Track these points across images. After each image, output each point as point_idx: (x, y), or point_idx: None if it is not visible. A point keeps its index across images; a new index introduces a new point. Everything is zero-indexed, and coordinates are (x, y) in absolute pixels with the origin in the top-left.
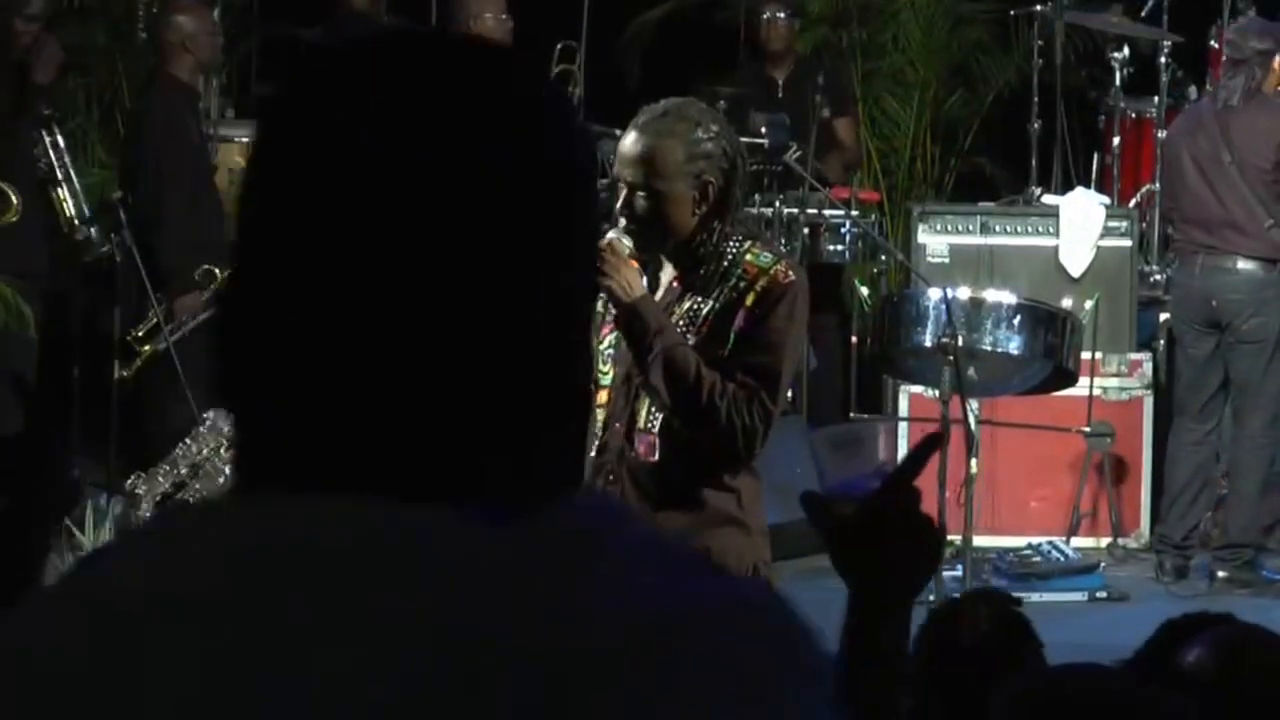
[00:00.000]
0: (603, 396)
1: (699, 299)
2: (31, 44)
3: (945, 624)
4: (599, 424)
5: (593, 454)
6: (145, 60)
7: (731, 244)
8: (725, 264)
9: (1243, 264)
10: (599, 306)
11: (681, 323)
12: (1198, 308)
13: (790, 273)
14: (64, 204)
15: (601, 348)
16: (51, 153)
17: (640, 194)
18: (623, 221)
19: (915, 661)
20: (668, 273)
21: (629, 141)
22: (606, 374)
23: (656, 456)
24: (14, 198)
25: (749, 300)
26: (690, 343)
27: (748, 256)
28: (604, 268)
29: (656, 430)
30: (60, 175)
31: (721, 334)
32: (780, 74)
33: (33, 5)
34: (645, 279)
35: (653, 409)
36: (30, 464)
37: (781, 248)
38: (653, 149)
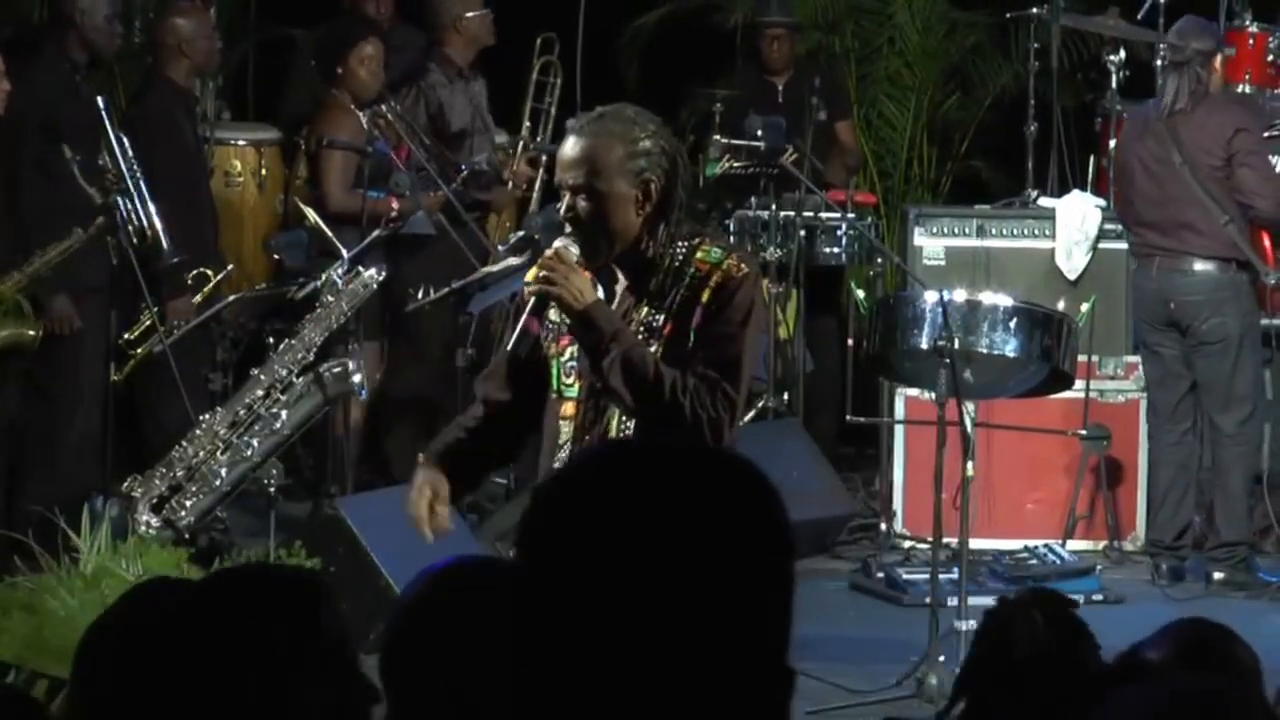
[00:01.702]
0: (569, 409)
1: (655, 304)
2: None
3: (1001, 627)
4: (567, 436)
5: (559, 465)
6: (142, 62)
7: (680, 245)
8: (676, 265)
9: (1199, 265)
10: (555, 317)
11: (640, 330)
12: (1157, 310)
13: (743, 265)
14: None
15: (563, 360)
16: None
17: (581, 196)
18: (568, 228)
19: (971, 663)
20: (620, 282)
21: (568, 146)
22: (571, 386)
23: None
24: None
25: (704, 297)
26: (653, 349)
27: (698, 254)
28: (552, 276)
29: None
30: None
31: (682, 334)
32: (780, 80)
33: (99, 8)
34: (600, 289)
35: (624, 419)
36: None
37: (775, 250)
38: (591, 149)
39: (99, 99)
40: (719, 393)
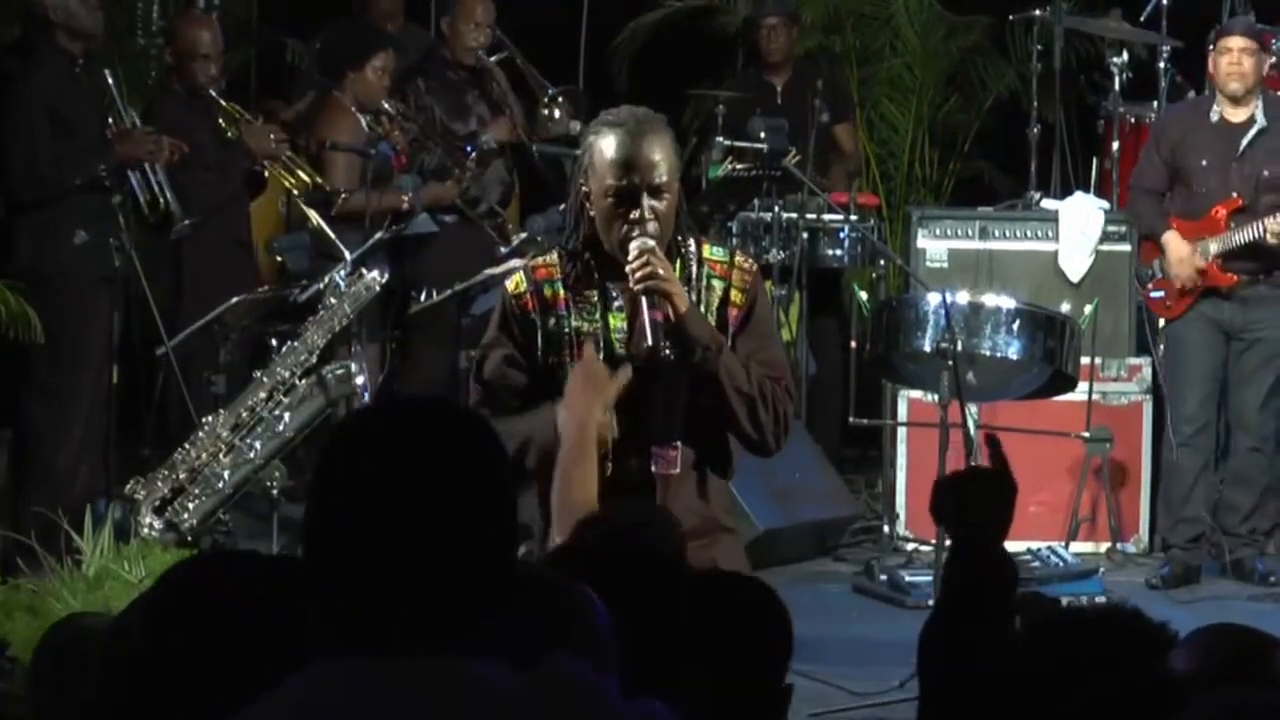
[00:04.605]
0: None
1: None
2: None
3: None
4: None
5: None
6: (142, 66)
7: (688, 242)
8: (690, 262)
9: None
10: (564, 328)
11: None
12: None
13: (749, 260)
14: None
15: None
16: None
17: (661, 197)
18: (651, 227)
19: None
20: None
21: (641, 144)
22: None
23: (678, 469)
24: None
25: (734, 297)
26: None
27: (705, 253)
28: (661, 271)
29: (679, 445)
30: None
31: (720, 333)
32: (779, 80)
33: (79, 19)
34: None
35: (668, 414)
36: None
37: (778, 252)
38: (665, 148)
39: (105, 72)
40: (783, 389)
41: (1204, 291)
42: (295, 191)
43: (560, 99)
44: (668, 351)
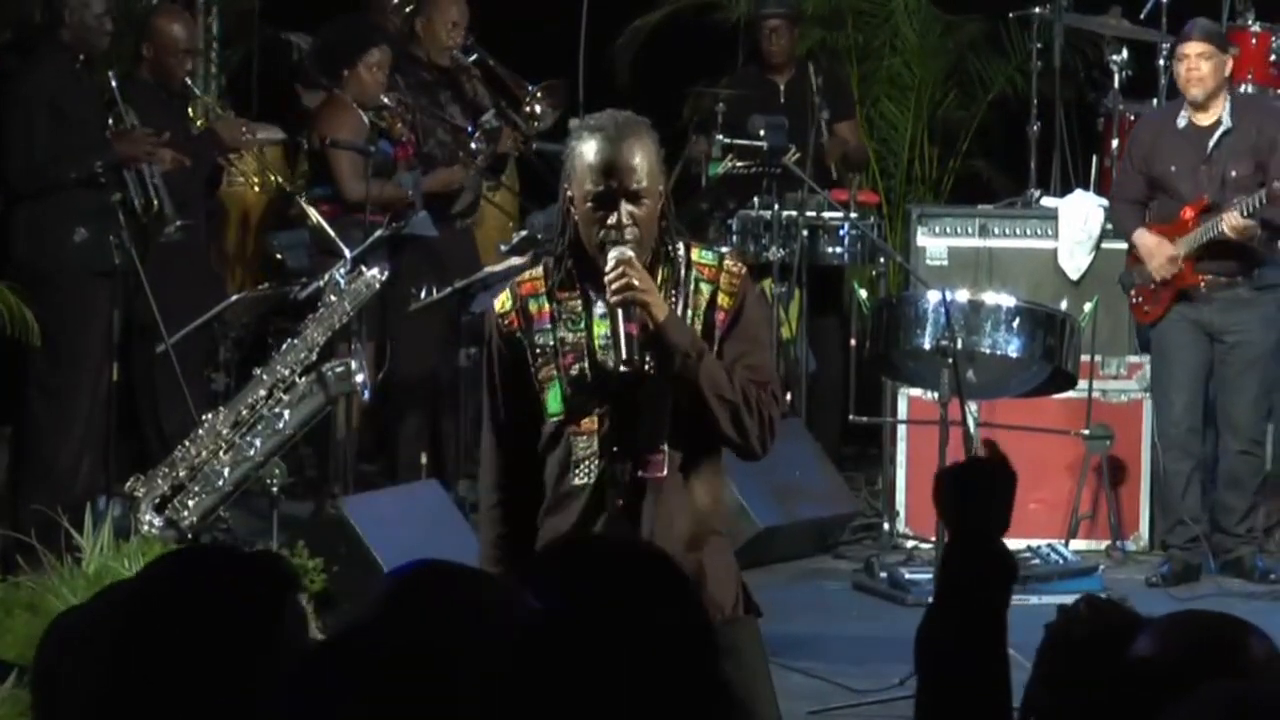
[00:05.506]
0: (588, 424)
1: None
2: None
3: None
4: (588, 450)
5: (580, 481)
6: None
7: (678, 246)
8: (678, 266)
9: None
10: (549, 341)
11: None
12: None
13: (739, 263)
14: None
15: (572, 374)
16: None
17: (640, 201)
18: (629, 233)
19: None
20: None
21: (619, 149)
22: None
23: (665, 473)
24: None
25: (721, 300)
26: None
27: (694, 255)
28: (637, 282)
29: (665, 448)
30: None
31: (708, 338)
32: (782, 79)
33: (90, 6)
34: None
35: (652, 423)
36: None
37: (778, 250)
38: (640, 154)
39: (109, 73)
40: (769, 394)
41: (1180, 294)
42: (257, 188)
43: (540, 94)
44: (648, 366)
